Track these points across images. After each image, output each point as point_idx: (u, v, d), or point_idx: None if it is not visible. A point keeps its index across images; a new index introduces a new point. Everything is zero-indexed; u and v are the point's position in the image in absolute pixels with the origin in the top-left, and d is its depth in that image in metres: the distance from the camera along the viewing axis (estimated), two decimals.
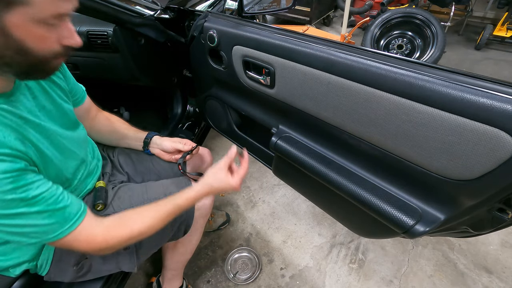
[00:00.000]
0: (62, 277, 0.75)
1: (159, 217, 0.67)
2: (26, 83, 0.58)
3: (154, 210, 0.67)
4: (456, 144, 0.52)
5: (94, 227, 0.59)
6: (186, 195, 0.72)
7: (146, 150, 0.96)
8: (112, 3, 0.93)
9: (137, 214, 0.66)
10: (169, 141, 0.94)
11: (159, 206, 0.68)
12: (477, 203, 0.57)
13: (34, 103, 0.59)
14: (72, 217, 0.56)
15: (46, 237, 0.53)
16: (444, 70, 0.54)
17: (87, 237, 0.58)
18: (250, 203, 1.62)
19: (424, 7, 3.64)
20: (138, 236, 0.64)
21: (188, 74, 1.34)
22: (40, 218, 0.51)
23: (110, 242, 0.60)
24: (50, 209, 0.52)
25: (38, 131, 0.57)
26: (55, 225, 0.53)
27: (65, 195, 0.56)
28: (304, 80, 0.73)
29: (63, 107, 0.67)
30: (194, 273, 1.30)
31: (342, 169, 0.79)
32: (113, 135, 0.94)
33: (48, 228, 0.53)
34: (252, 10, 1.05)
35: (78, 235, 0.57)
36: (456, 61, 2.89)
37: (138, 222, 0.64)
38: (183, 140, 0.95)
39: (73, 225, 0.56)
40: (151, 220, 0.66)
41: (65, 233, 0.55)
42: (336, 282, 1.26)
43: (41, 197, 0.51)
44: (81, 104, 0.82)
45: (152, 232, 0.67)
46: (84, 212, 0.59)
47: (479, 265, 1.27)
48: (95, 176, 0.82)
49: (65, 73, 0.74)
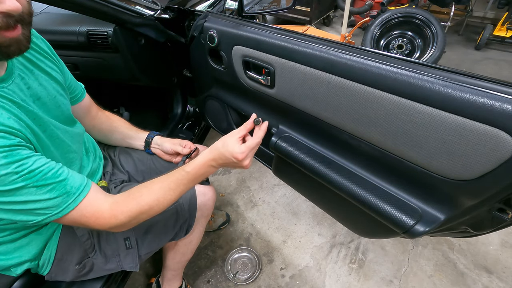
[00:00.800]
0: (63, 277, 0.75)
1: (168, 187, 0.64)
2: (19, 73, 0.57)
3: (162, 181, 0.65)
4: (456, 144, 0.52)
5: (102, 202, 0.58)
6: (194, 162, 0.68)
7: (147, 150, 0.96)
8: (112, 3, 0.93)
9: (145, 187, 0.64)
10: (169, 142, 0.93)
11: (168, 176, 0.66)
12: (477, 203, 0.57)
13: (28, 93, 0.58)
14: (75, 191, 0.54)
15: (51, 213, 0.52)
16: (444, 70, 0.54)
17: (95, 212, 0.56)
18: (250, 203, 1.62)
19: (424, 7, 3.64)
20: (148, 209, 0.61)
21: (188, 74, 1.34)
22: (41, 193, 0.50)
23: (120, 217, 0.58)
24: (49, 183, 0.51)
25: (31, 117, 0.56)
26: (58, 198, 0.52)
27: (64, 169, 0.55)
28: (304, 80, 0.73)
29: (57, 100, 0.67)
30: (194, 273, 1.30)
31: (342, 169, 0.79)
32: (115, 134, 0.94)
33: (51, 203, 0.52)
34: (252, 10, 1.05)
35: (84, 210, 0.55)
36: (456, 61, 2.89)
37: (146, 194, 0.62)
38: (183, 142, 0.94)
39: (77, 199, 0.54)
40: (160, 192, 0.63)
41: (70, 207, 0.54)
42: (336, 282, 1.26)
43: (38, 171, 0.50)
44: (80, 101, 0.82)
45: (164, 204, 0.64)
46: (87, 185, 0.57)
47: (479, 265, 1.27)
48: (98, 176, 0.82)
49: (63, 68, 0.73)
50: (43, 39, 0.69)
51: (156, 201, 0.62)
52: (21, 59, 0.60)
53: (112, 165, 0.94)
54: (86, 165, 0.78)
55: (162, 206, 0.64)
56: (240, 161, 0.65)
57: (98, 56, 1.23)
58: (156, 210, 0.63)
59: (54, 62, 0.70)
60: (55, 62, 0.70)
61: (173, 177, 0.66)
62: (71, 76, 0.78)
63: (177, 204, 0.85)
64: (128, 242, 0.78)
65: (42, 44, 0.67)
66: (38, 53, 0.65)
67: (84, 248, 0.75)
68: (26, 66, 0.61)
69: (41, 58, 0.66)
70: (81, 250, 0.74)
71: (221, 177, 1.78)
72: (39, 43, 0.66)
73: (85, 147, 0.80)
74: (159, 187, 0.64)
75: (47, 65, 0.66)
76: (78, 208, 0.55)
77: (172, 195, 0.65)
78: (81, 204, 0.55)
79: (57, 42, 1.20)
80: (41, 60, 0.65)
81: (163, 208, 0.64)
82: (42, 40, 0.68)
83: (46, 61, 0.67)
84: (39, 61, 0.64)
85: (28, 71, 0.60)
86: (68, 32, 1.19)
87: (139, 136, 0.95)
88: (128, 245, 0.78)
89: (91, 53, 1.22)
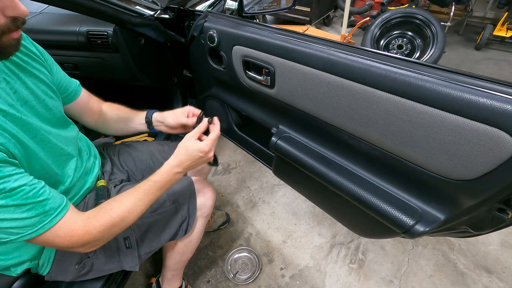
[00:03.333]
0: (63, 276, 0.75)
1: (137, 197, 0.66)
2: (4, 77, 0.56)
3: (130, 193, 0.66)
4: (456, 144, 0.52)
5: (76, 220, 0.57)
6: (160, 171, 0.71)
7: (152, 129, 0.91)
8: (112, 3, 0.93)
9: (114, 200, 0.65)
10: (171, 116, 0.87)
11: (135, 188, 0.67)
12: (477, 203, 0.57)
13: (15, 97, 0.58)
14: (53, 212, 0.54)
15: (25, 233, 0.51)
16: (444, 70, 0.54)
17: (69, 232, 0.56)
18: (250, 203, 1.62)
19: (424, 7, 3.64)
20: (119, 221, 0.62)
21: (188, 74, 1.34)
22: (19, 212, 0.49)
23: (93, 232, 0.58)
24: (29, 202, 0.50)
25: (19, 124, 0.55)
26: (35, 219, 0.51)
27: (46, 189, 0.54)
28: (304, 80, 0.73)
29: (47, 103, 0.66)
30: (194, 273, 1.30)
31: (342, 169, 0.79)
32: (119, 123, 0.91)
33: (27, 222, 0.51)
34: (252, 10, 1.05)
35: (59, 231, 0.55)
36: (456, 61, 2.89)
37: (116, 206, 0.63)
38: (185, 110, 0.86)
39: (54, 219, 0.54)
40: (129, 203, 0.64)
41: (45, 228, 0.53)
42: (336, 282, 1.26)
43: (20, 189, 0.49)
44: (76, 98, 0.80)
45: (134, 215, 0.65)
46: (66, 206, 0.57)
47: (479, 265, 1.27)
48: (93, 174, 0.81)
49: (52, 68, 0.72)
50: (30, 40, 0.68)
51: (126, 213, 0.63)
52: (6, 63, 0.58)
53: (111, 165, 0.94)
54: (80, 165, 0.77)
55: (133, 217, 0.65)
56: (206, 153, 0.72)
57: (98, 56, 1.23)
58: (127, 221, 0.64)
59: (41, 63, 0.68)
60: (43, 62, 0.69)
61: (140, 188, 0.67)
62: (63, 75, 0.76)
63: (176, 203, 0.86)
64: (128, 242, 0.79)
65: (29, 45, 0.66)
66: (26, 55, 0.64)
67: None
68: (12, 70, 0.59)
69: (29, 60, 0.64)
70: None
71: (221, 177, 1.78)
72: (26, 45, 0.65)
73: (79, 147, 0.79)
74: (128, 199, 0.65)
75: (34, 67, 0.65)
76: (54, 229, 0.54)
77: (141, 205, 0.66)
78: (57, 224, 0.54)
79: (57, 42, 1.20)
80: (28, 62, 0.64)
81: (134, 218, 0.66)
82: (29, 41, 0.67)
83: (34, 63, 0.66)
84: (25, 63, 0.63)
85: (14, 75, 0.59)
86: (68, 32, 1.19)
87: (139, 118, 0.90)
88: (127, 245, 0.78)
89: (91, 53, 1.22)
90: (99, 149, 0.94)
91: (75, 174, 0.74)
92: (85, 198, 0.78)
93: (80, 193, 0.77)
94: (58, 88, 0.74)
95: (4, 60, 0.52)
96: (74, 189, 0.75)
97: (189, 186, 0.89)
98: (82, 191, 0.77)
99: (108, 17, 0.97)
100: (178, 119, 0.86)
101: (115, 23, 1.08)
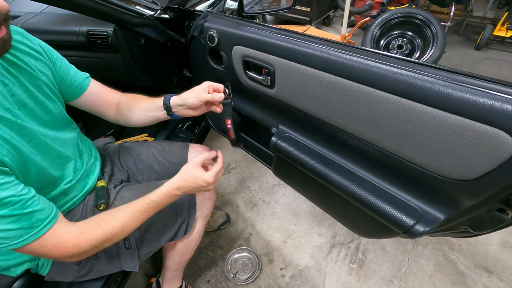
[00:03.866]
0: (63, 277, 0.75)
1: (132, 215, 0.65)
2: (2, 80, 0.56)
3: (127, 209, 0.66)
4: (456, 144, 0.52)
5: (65, 232, 0.57)
6: (159, 190, 0.70)
7: (173, 116, 0.84)
8: (112, 3, 0.93)
9: (110, 215, 0.64)
10: (192, 95, 0.77)
11: (132, 205, 0.67)
12: (477, 203, 0.57)
13: (13, 100, 0.57)
14: (39, 224, 0.53)
15: (9, 243, 0.51)
16: (444, 70, 0.54)
17: (57, 243, 0.55)
18: (250, 203, 1.62)
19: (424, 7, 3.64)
20: (111, 237, 0.62)
21: (188, 74, 1.34)
22: (5, 223, 0.49)
23: (83, 246, 0.58)
24: (15, 214, 0.50)
25: (14, 128, 0.55)
26: (20, 230, 0.51)
27: (35, 200, 0.53)
28: (304, 80, 0.73)
29: (46, 105, 0.65)
30: (194, 273, 1.30)
31: (342, 169, 0.79)
32: (138, 113, 0.85)
33: (12, 234, 0.50)
34: (252, 10, 1.05)
35: (46, 242, 0.54)
36: (456, 61, 2.89)
37: (111, 222, 0.62)
38: (205, 86, 0.78)
39: (40, 231, 0.53)
40: (124, 219, 0.64)
41: (30, 239, 0.52)
42: (336, 282, 1.26)
43: (7, 200, 0.48)
44: (84, 92, 0.78)
45: (127, 231, 0.65)
46: (54, 218, 0.56)
47: (479, 265, 1.27)
48: (93, 176, 0.81)
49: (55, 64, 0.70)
50: (34, 38, 0.67)
51: (120, 229, 0.63)
52: (5, 65, 0.57)
53: (111, 165, 0.94)
54: (80, 167, 0.77)
55: (125, 233, 0.65)
56: (209, 184, 0.72)
57: (98, 56, 1.23)
58: (119, 237, 0.64)
59: (44, 61, 0.67)
60: (46, 61, 0.67)
61: (138, 205, 0.67)
62: (68, 68, 0.74)
63: (176, 204, 0.85)
64: (128, 242, 0.79)
65: (31, 44, 0.65)
66: (27, 54, 0.63)
67: None
68: (10, 72, 0.58)
69: (30, 60, 0.63)
70: None
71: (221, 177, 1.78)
72: (28, 43, 0.64)
73: (79, 149, 0.79)
74: (125, 215, 0.65)
75: (35, 68, 0.64)
76: (39, 240, 0.53)
77: (136, 222, 0.66)
78: (43, 236, 0.54)
79: (57, 42, 1.20)
80: (28, 63, 0.62)
81: (125, 235, 0.65)
82: (32, 39, 0.66)
83: (36, 62, 0.65)
84: (26, 65, 0.62)
85: (13, 77, 0.58)
86: (68, 32, 1.19)
87: (157, 105, 0.83)
88: (127, 245, 0.78)
89: (91, 53, 1.22)
90: (99, 149, 0.94)
91: (75, 175, 0.74)
92: (85, 199, 0.78)
93: (80, 194, 0.77)
94: (62, 83, 0.73)
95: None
96: (74, 190, 0.75)
97: None
98: (82, 192, 0.77)
99: (108, 17, 0.97)
100: (200, 97, 0.76)
101: (115, 23, 1.08)
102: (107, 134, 1.57)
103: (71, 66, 0.76)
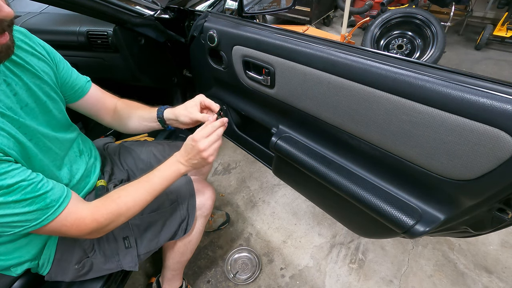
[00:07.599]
0: (63, 277, 0.75)
1: (143, 187, 0.67)
2: (5, 79, 0.56)
3: (137, 184, 0.68)
4: (456, 144, 0.52)
5: (81, 209, 0.58)
6: (166, 162, 0.73)
7: (168, 127, 0.86)
8: (112, 3, 0.93)
9: (122, 189, 0.66)
10: (184, 112, 0.79)
11: (143, 178, 0.69)
12: (477, 203, 0.57)
13: (15, 99, 0.57)
14: (54, 203, 0.54)
15: (29, 225, 0.52)
16: (444, 70, 0.54)
17: (75, 220, 0.57)
18: (250, 203, 1.62)
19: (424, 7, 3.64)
20: (126, 210, 0.64)
21: (188, 74, 1.34)
22: (20, 207, 0.50)
23: (100, 220, 0.60)
24: (29, 197, 0.51)
25: (16, 126, 0.55)
26: (37, 212, 0.52)
27: (45, 182, 0.54)
28: (304, 80, 0.73)
29: (47, 105, 0.66)
30: (194, 273, 1.30)
31: (342, 169, 0.79)
32: (133, 121, 0.87)
33: (30, 216, 0.51)
34: (252, 10, 1.05)
35: (65, 220, 0.56)
36: (456, 61, 2.89)
37: (124, 195, 0.64)
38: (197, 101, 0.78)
39: (56, 211, 0.54)
40: (136, 193, 0.66)
41: (49, 219, 0.54)
42: (336, 282, 1.26)
43: (17, 185, 0.49)
44: (84, 95, 0.79)
45: (140, 206, 0.67)
46: (68, 196, 0.57)
47: (479, 265, 1.27)
48: (93, 175, 0.81)
49: (58, 66, 0.71)
50: (37, 39, 0.67)
51: (132, 202, 0.65)
52: (8, 64, 0.58)
53: (111, 164, 0.94)
54: (80, 167, 0.77)
55: (138, 207, 0.66)
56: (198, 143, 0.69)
57: (98, 56, 1.23)
58: (132, 211, 0.66)
59: (47, 62, 0.67)
60: (48, 62, 0.68)
61: (148, 177, 0.69)
62: (70, 72, 0.75)
63: (175, 203, 0.86)
64: (127, 242, 0.79)
65: (35, 45, 0.65)
66: (31, 54, 0.63)
67: (83, 248, 0.75)
68: (13, 71, 0.59)
69: (33, 59, 0.64)
70: (81, 249, 0.74)
71: (221, 177, 1.78)
72: (32, 44, 0.65)
73: (79, 149, 0.79)
74: (135, 188, 0.67)
75: (38, 68, 0.64)
76: (58, 219, 0.55)
77: (147, 195, 0.68)
78: (61, 215, 0.55)
79: (57, 42, 1.20)
80: (32, 63, 0.63)
81: (139, 209, 0.67)
82: (36, 40, 0.67)
83: (39, 62, 0.65)
84: (29, 64, 0.62)
85: (16, 76, 0.59)
86: (68, 32, 1.19)
87: (152, 116, 0.84)
88: (127, 245, 0.79)
89: (91, 53, 1.22)
90: (100, 149, 0.94)
91: (75, 176, 0.74)
92: (85, 199, 0.78)
93: (81, 194, 0.76)
94: (64, 85, 0.73)
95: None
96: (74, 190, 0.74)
97: (188, 185, 0.89)
98: (83, 192, 0.77)
99: (108, 17, 0.97)
100: (192, 116, 0.78)
101: (115, 23, 1.08)
102: (107, 134, 1.57)
103: (72, 69, 0.77)
